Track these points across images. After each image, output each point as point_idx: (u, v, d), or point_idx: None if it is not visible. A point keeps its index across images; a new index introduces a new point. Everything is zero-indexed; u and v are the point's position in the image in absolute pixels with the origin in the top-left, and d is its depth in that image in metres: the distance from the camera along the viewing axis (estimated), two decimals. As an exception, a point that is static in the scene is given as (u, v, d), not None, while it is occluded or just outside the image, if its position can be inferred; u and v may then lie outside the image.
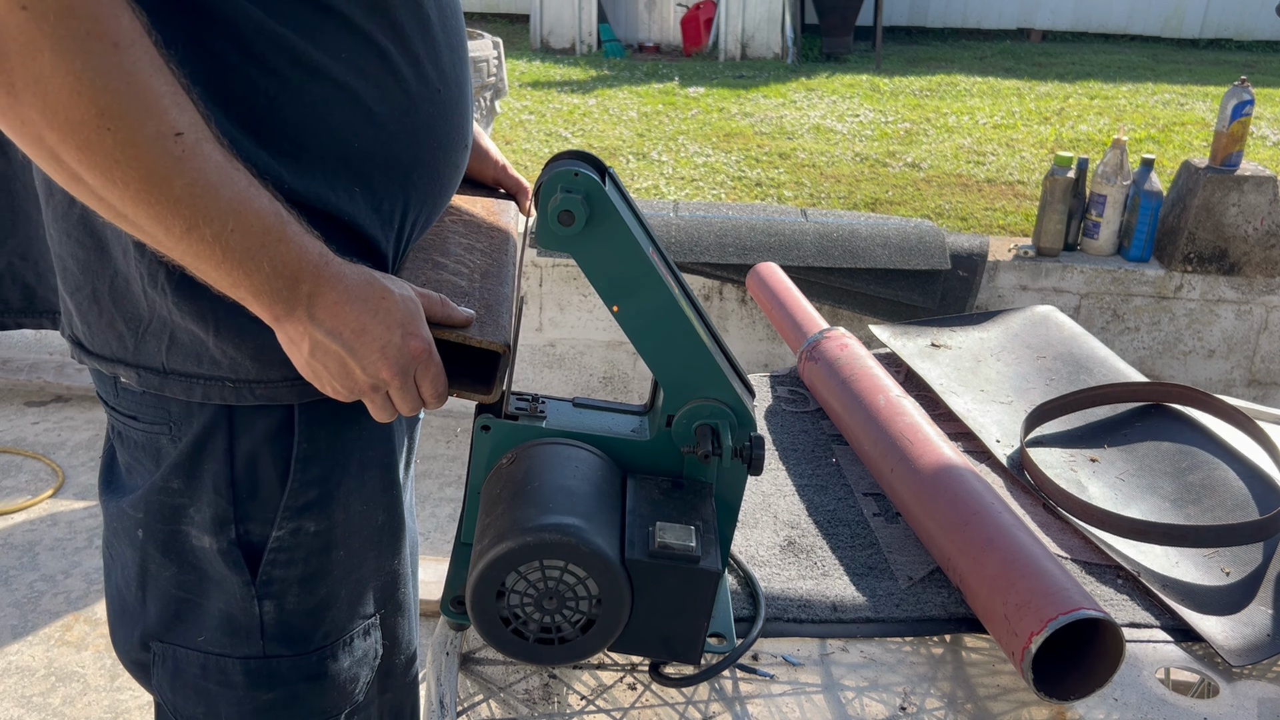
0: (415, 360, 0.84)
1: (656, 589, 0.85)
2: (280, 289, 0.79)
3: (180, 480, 0.91)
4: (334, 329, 0.81)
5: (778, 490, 1.27)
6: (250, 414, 0.90)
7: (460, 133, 0.97)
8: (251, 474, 0.91)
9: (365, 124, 0.86)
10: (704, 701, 0.94)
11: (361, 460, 0.96)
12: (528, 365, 3.48)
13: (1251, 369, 3.40)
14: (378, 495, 0.98)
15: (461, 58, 0.97)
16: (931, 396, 1.46)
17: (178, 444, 0.91)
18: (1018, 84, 6.71)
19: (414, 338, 0.83)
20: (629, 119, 5.43)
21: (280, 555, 0.93)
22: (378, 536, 0.99)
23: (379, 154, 0.88)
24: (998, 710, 0.94)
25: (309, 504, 0.93)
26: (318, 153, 0.84)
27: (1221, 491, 1.25)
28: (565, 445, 0.93)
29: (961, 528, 1.05)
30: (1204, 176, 3.16)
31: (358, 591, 0.99)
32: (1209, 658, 1.01)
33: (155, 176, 0.72)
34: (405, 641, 1.07)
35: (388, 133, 0.88)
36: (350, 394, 0.85)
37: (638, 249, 0.88)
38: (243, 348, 0.87)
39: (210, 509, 0.91)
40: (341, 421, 0.94)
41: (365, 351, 0.82)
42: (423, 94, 0.90)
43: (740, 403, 0.93)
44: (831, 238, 3.13)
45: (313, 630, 0.96)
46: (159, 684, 0.99)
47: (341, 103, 0.85)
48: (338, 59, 0.84)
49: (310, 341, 0.82)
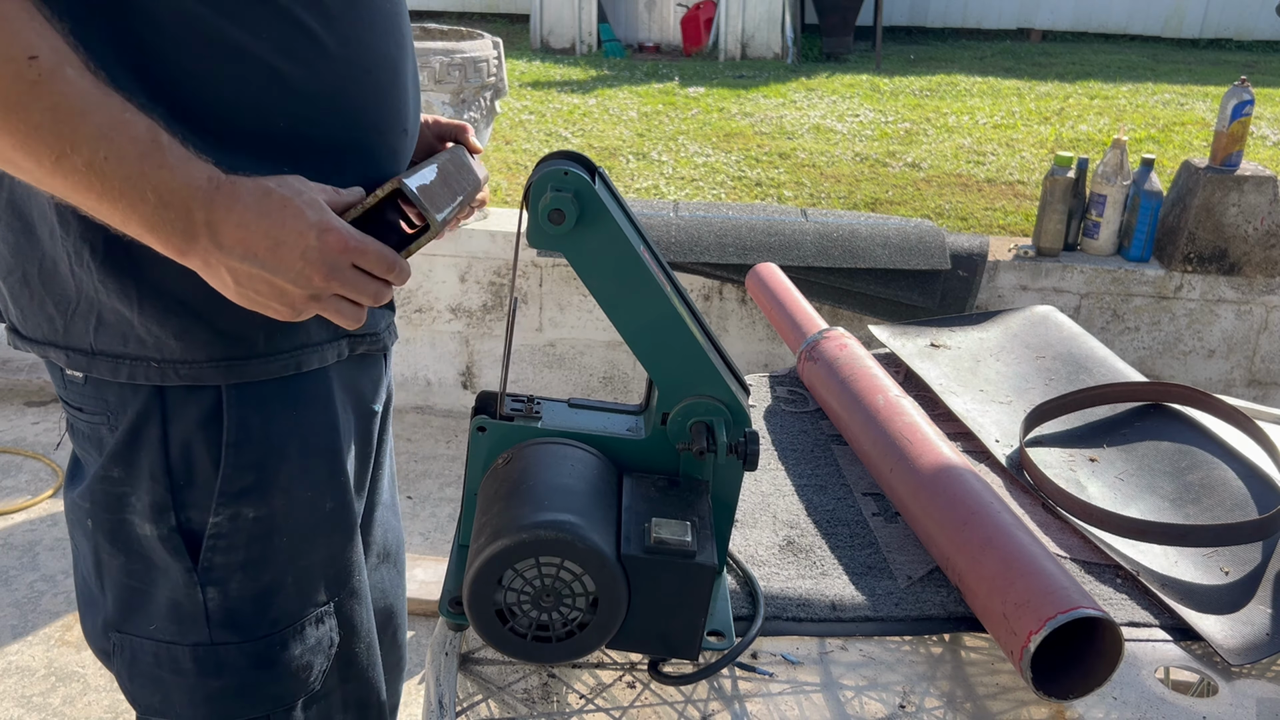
0: (341, 253, 0.81)
1: (653, 585, 0.85)
2: (173, 219, 0.76)
3: (120, 469, 0.92)
4: (247, 251, 0.78)
5: (777, 490, 1.27)
6: (182, 399, 0.90)
7: (396, 116, 0.96)
8: (187, 460, 0.91)
9: (291, 103, 0.85)
10: (703, 700, 0.94)
11: (303, 446, 0.95)
12: (528, 365, 3.48)
13: (1251, 369, 3.40)
14: (323, 481, 0.97)
15: (399, 40, 0.96)
16: (931, 396, 1.46)
17: (114, 432, 0.91)
18: (1018, 84, 6.71)
19: (329, 232, 0.80)
20: (629, 119, 5.43)
21: (220, 541, 0.93)
22: (327, 523, 0.99)
23: (307, 134, 0.87)
24: (997, 709, 0.94)
25: (245, 489, 0.93)
26: (243, 133, 0.83)
27: (1221, 491, 1.25)
28: (561, 444, 0.93)
29: (960, 527, 1.04)
30: (1204, 176, 3.15)
31: (307, 578, 0.99)
32: (1208, 657, 1.01)
33: (10, 102, 0.70)
34: (364, 629, 1.06)
35: (316, 113, 0.87)
36: (296, 312, 0.83)
37: (629, 247, 0.88)
38: (167, 326, 0.86)
39: (149, 496, 0.92)
40: (276, 406, 0.93)
41: (287, 264, 0.79)
42: (351, 75, 0.89)
43: (735, 399, 0.93)
44: (831, 238, 3.13)
45: (260, 617, 0.96)
46: (119, 673, 0.99)
47: (265, 82, 0.83)
48: (259, 37, 0.82)
49: (228, 270, 0.79)
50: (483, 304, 3.41)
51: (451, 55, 3.06)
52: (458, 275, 3.37)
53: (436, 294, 3.40)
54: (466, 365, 3.51)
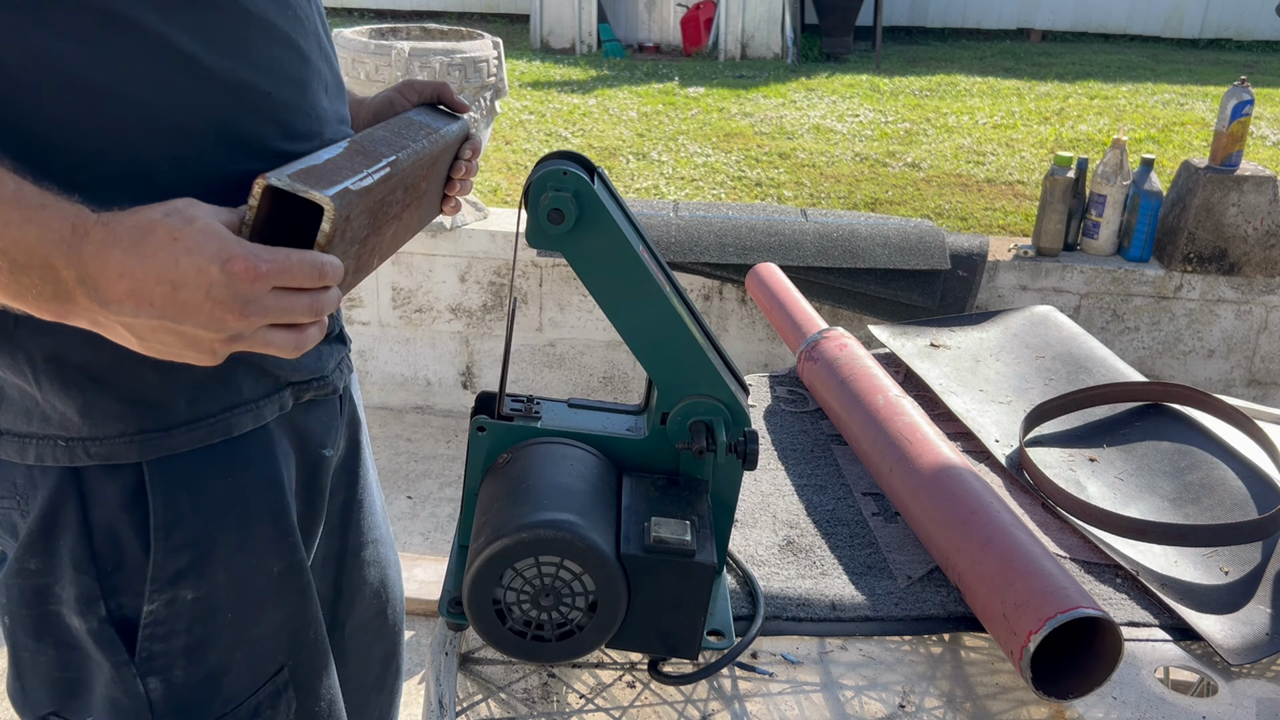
0: (254, 282, 0.66)
1: (653, 584, 0.85)
2: (36, 283, 0.64)
3: (37, 559, 0.81)
4: (140, 303, 0.65)
5: (777, 490, 1.27)
6: (99, 479, 0.80)
7: (308, 122, 0.84)
8: (113, 545, 0.81)
9: (173, 143, 0.74)
10: (703, 700, 0.94)
11: (242, 514, 0.86)
12: (528, 365, 3.48)
13: (1251, 369, 3.40)
14: (269, 546, 0.88)
15: (306, 51, 0.83)
16: (931, 396, 1.46)
17: (27, 518, 0.80)
18: (1018, 84, 6.71)
19: (233, 260, 0.66)
20: (629, 119, 5.43)
21: (158, 629, 0.84)
22: (275, 588, 0.90)
23: (197, 175, 0.75)
24: (996, 709, 0.94)
25: (181, 572, 0.83)
26: (119, 180, 0.72)
27: (1220, 491, 1.25)
28: (560, 444, 0.93)
29: (960, 527, 1.04)
30: (1204, 176, 3.15)
31: (258, 650, 0.90)
32: (1208, 657, 1.01)
33: None
34: (323, 688, 0.98)
35: (203, 150, 0.75)
36: (217, 357, 0.70)
37: (628, 246, 0.88)
38: (69, 401, 0.77)
39: (74, 587, 0.81)
40: (207, 477, 0.83)
41: (192, 309, 0.66)
42: (249, 101, 0.78)
43: (734, 399, 0.93)
44: (831, 238, 3.13)
45: (209, 700, 0.87)
46: None
47: (141, 123, 0.73)
48: (129, 73, 0.71)
49: (123, 326, 0.67)
50: (483, 304, 3.41)
51: (451, 55, 3.06)
52: (458, 275, 3.37)
53: (436, 294, 3.40)
54: (466, 365, 3.51)
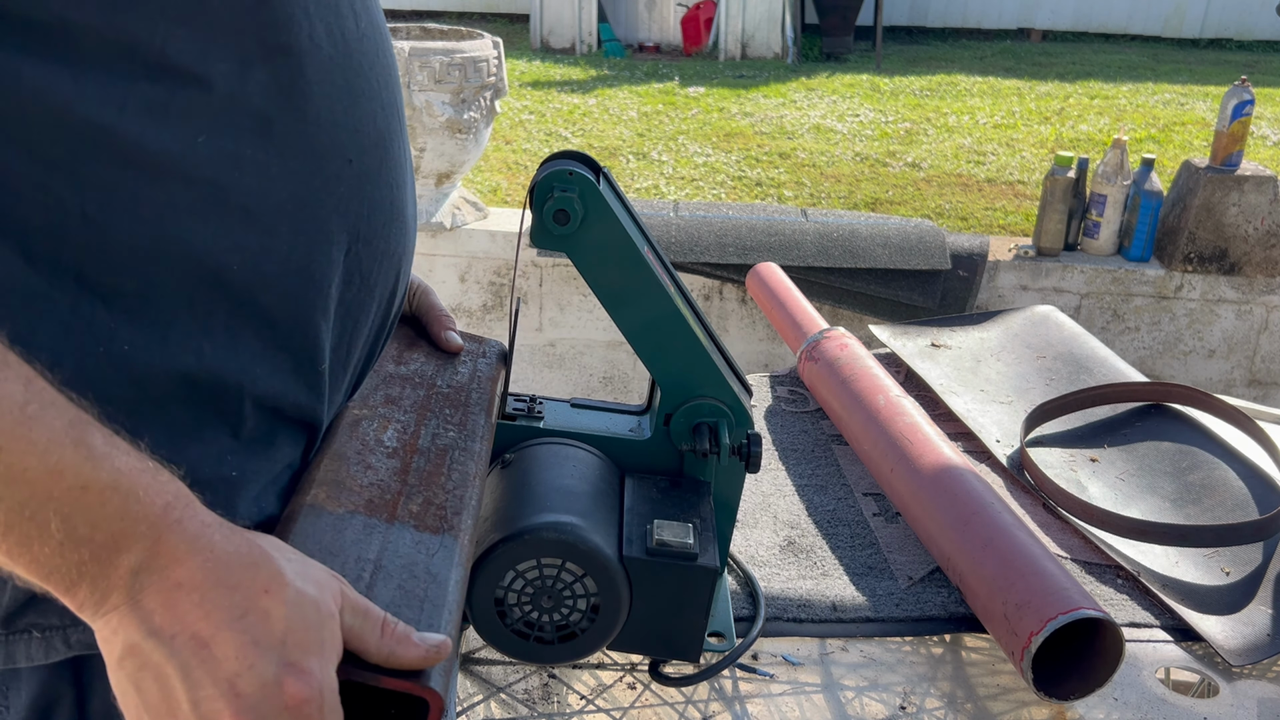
0: (290, 713, 0.50)
1: (655, 586, 0.85)
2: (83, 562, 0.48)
3: None
4: (167, 629, 0.49)
5: (777, 490, 1.27)
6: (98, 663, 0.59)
7: (393, 212, 0.70)
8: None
9: (244, 231, 0.58)
10: (703, 701, 0.94)
11: None
12: (528, 365, 3.48)
13: (1251, 369, 3.40)
14: None
15: (385, 104, 0.68)
16: (931, 396, 1.46)
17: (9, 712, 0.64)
18: (1018, 84, 6.71)
19: (297, 675, 0.50)
20: (629, 119, 5.43)
21: None
22: None
23: (272, 270, 0.59)
24: (997, 710, 0.94)
25: None
26: (175, 288, 0.56)
27: (1221, 491, 1.24)
28: (563, 445, 0.93)
29: (961, 527, 1.04)
30: (1204, 176, 3.15)
31: None
32: (1209, 657, 1.01)
33: None
34: None
35: (278, 238, 0.59)
36: None
37: (633, 247, 0.88)
38: None
39: None
40: None
41: (201, 677, 0.49)
42: (328, 171, 0.62)
43: (738, 401, 0.93)
44: (831, 238, 3.13)
45: None
46: None
47: (205, 208, 0.56)
48: (194, 144, 0.55)
49: (123, 643, 0.50)
50: (483, 304, 3.41)
51: (451, 55, 3.06)
52: (458, 275, 3.37)
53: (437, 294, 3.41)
54: (466, 365, 3.51)
